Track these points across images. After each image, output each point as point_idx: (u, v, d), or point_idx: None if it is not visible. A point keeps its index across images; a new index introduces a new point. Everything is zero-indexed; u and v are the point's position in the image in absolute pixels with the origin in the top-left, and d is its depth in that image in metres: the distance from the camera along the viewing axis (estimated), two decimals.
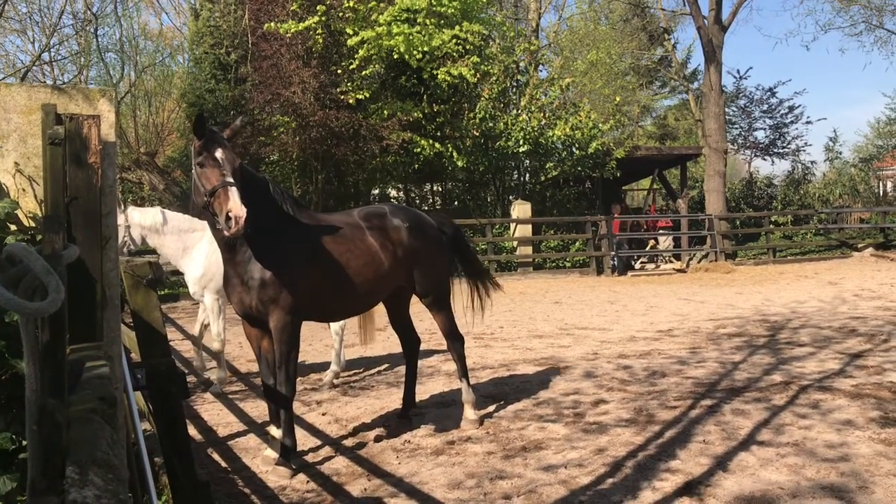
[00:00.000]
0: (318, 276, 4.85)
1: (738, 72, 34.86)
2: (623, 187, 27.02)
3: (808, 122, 35.15)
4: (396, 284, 5.45)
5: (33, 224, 2.67)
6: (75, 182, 2.57)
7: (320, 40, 17.53)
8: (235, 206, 4.13)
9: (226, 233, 4.21)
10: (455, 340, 5.76)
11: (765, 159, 32.12)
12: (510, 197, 21.57)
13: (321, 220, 5.17)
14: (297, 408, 5.02)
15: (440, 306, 5.66)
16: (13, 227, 2.59)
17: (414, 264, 5.41)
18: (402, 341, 5.97)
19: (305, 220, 4.94)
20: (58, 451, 1.45)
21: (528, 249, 19.70)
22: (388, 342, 9.20)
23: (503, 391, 6.61)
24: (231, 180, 4.23)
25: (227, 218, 4.14)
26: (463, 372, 5.76)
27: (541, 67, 23.35)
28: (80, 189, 2.58)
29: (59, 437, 1.48)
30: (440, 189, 23.13)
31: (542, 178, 21.81)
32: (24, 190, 2.75)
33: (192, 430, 5.57)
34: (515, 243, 19.65)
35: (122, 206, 7.09)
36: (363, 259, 5.06)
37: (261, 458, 4.95)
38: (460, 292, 5.95)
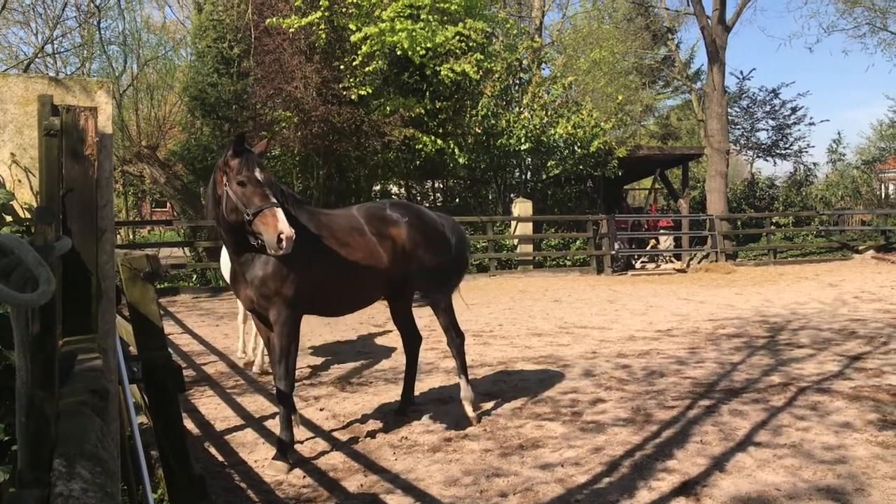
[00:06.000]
0: (318, 272, 4.90)
1: (742, 72, 35.01)
2: (625, 186, 26.98)
3: (810, 124, 35.18)
4: (397, 279, 5.45)
5: (29, 216, 2.66)
6: (71, 174, 2.55)
7: (323, 35, 17.49)
8: (286, 227, 4.36)
9: (274, 251, 4.40)
10: (455, 336, 5.76)
11: (767, 160, 32.16)
12: (511, 195, 21.52)
13: (320, 216, 5.21)
14: (295, 403, 5.01)
15: (440, 302, 5.67)
16: (9, 219, 2.57)
17: (414, 259, 5.41)
18: (404, 338, 5.96)
19: (305, 217, 4.98)
20: (46, 443, 1.44)
21: (529, 247, 19.67)
22: (385, 338, 9.20)
23: (501, 389, 6.60)
24: (275, 201, 4.47)
25: (279, 239, 4.34)
26: (462, 369, 5.76)
27: (544, 65, 23.26)
28: (76, 181, 2.56)
29: (47, 429, 1.46)
30: (441, 186, 23.08)
31: (544, 177, 21.77)
32: (20, 181, 2.73)
33: (190, 424, 5.57)
34: (516, 241, 19.62)
35: None
36: (361, 254, 5.10)
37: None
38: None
